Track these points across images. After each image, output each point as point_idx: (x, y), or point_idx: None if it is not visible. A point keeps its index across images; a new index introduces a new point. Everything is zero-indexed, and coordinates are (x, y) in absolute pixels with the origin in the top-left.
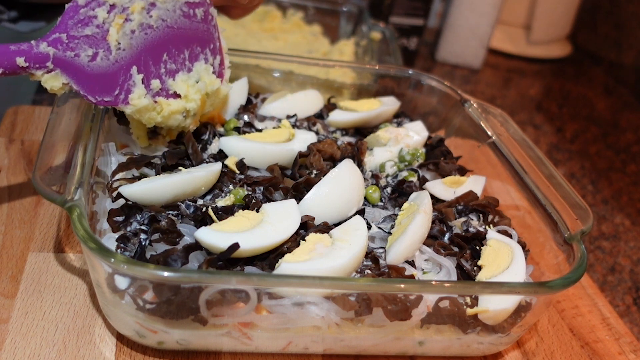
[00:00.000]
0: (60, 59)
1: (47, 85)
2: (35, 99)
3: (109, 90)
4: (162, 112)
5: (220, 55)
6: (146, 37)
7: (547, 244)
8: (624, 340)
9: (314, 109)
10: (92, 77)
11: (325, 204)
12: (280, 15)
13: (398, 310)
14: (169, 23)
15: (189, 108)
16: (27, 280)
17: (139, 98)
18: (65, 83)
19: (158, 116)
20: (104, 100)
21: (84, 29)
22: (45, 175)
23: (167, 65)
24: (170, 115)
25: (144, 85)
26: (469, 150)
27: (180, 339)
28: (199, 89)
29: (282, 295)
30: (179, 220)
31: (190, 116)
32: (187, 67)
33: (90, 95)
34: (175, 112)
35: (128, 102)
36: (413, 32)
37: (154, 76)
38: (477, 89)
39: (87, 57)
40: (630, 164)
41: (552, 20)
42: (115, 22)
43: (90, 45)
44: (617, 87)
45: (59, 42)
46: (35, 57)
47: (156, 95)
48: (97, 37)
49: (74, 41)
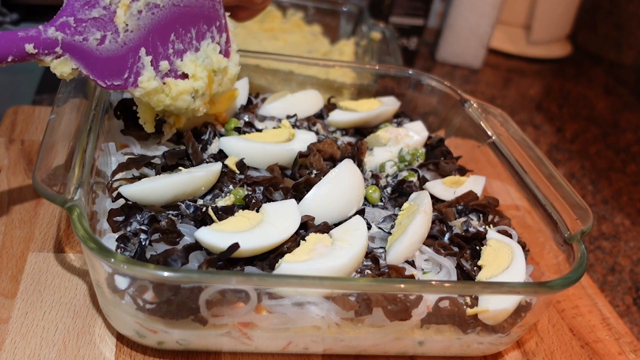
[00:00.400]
0: (69, 43)
1: (56, 71)
2: (35, 99)
3: (118, 74)
4: (171, 93)
5: (226, 32)
6: (153, 17)
7: (547, 244)
8: (624, 340)
9: (314, 109)
10: (101, 61)
11: (325, 204)
12: (280, 15)
13: (398, 310)
14: (175, 1)
15: (197, 87)
16: (27, 280)
17: (148, 80)
18: (74, 68)
19: (167, 98)
20: (114, 84)
21: (91, 11)
22: (45, 175)
23: (174, 45)
24: (179, 95)
25: (153, 67)
26: (469, 150)
27: (180, 339)
28: (205, 65)
29: (282, 295)
30: (179, 220)
31: (198, 96)
32: (194, 46)
33: (100, 80)
34: (184, 92)
35: (137, 85)
36: (413, 32)
37: (162, 57)
38: (477, 89)
39: (95, 41)
40: (630, 164)
41: (552, 20)
42: (122, 2)
43: (98, 28)
44: (617, 87)
45: (66, 26)
46: (44, 43)
47: (165, 76)
48: (104, 19)
49: (82, 24)
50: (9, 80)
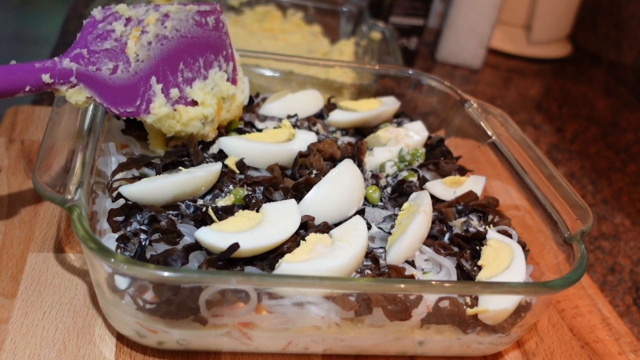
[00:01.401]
0: (83, 73)
1: (71, 100)
2: (35, 99)
3: (130, 101)
4: (181, 119)
5: (232, 61)
6: (162, 47)
7: (547, 244)
8: (624, 340)
9: (315, 109)
10: (114, 90)
11: (325, 204)
12: (280, 15)
13: (398, 310)
14: (182, 33)
15: (207, 114)
16: (27, 280)
17: (159, 107)
18: (88, 97)
19: (177, 124)
20: (127, 111)
21: (103, 43)
22: (45, 175)
23: (183, 73)
24: (189, 122)
25: (164, 95)
26: (469, 150)
27: (180, 339)
28: (215, 93)
29: (282, 295)
30: (179, 220)
31: (208, 122)
32: (202, 74)
33: (114, 107)
34: (194, 118)
35: (149, 112)
36: (413, 32)
37: (172, 85)
38: (477, 89)
39: (108, 70)
40: (630, 164)
41: (552, 20)
42: (132, 34)
43: (110, 58)
44: (617, 87)
45: (80, 57)
46: (60, 73)
47: (175, 103)
48: (116, 50)
49: (95, 55)
50: None
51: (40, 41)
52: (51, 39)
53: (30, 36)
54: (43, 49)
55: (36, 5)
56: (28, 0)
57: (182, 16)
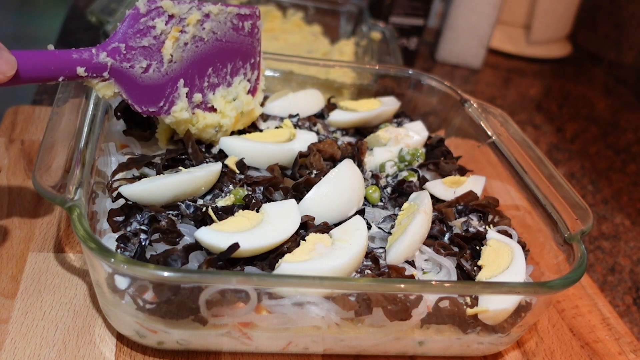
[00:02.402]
0: (117, 69)
1: (100, 93)
2: (35, 99)
3: (155, 102)
4: (198, 124)
5: (258, 70)
6: (196, 49)
7: (547, 244)
8: (624, 340)
9: (315, 109)
10: (143, 88)
11: (325, 204)
12: (280, 15)
13: (398, 310)
14: (218, 36)
15: (223, 124)
16: (27, 280)
17: (180, 110)
18: (116, 92)
19: (193, 128)
20: (149, 110)
21: (142, 39)
22: (45, 175)
23: (210, 79)
24: (205, 128)
25: (187, 99)
26: (469, 150)
27: (180, 339)
28: (236, 107)
29: (282, 295)
30: (179, 220)
31: (221, 131)
32: (227, 81)
33: (137, 105)
34: (210, 125)
35: (170, 113)
36: (413, 32)
37: (197, 90)
38: (477, 89)
39: (140, 69)
40: (630, 164)
41: (552, 20)
42: (172, 34)
43: (145, 56)
44: (617, 87)
45: (117, 52)
46: (95, 67)
47: (195, 107)
48: (152, 48)
49: (131, 52)
50: None
51: (40, 41)
52: (51, 39)
53: (30, 36)
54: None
55: (36, 5)
56: (28, 0)
57: (222, 18)
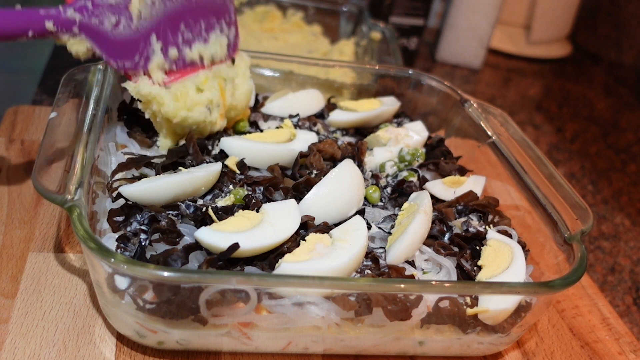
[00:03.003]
0: (86, 25)
1: (72, 49)
2: (36, 99)
3: (129, 56)
4: (185, 103)
5: (235, 28)
6: (165, 7)
7: (547, 244)
8: (624, 340)
9: (316, 108)
10: (115, 43)
11: (325, 204)
12: (280, 15)
13: (398, 310)
14: None
15: (210, 97)
16: (27, 280)
17: (157, 68)
18: (89, 48)
19: (182, 109)
20: (125, 65)
21: None
22: (46, 175)
23: (184, 35)
24: (194, 106)
25: (162, 54)
26: (469, 150)
27: (180, 339)
28: (215, 73)
29: (282, 295)
30: (179, 220)
31: (214, 107)
32: (203, 37)
33: (113, 60)
34: (198, 103)
35: (147, 69)
36: (413, 32)
37: (171, 44)
38: (477, 89)
39: (110, 25)
40: (630, 164)
41: (552, 20)
42: None
43: (113, 13)
44: (617, 87)
45: (84, 9)
46: (63, 22)
47: (174, 64)
48: (120, 6)
49: (99, 9)
50: (9, 80)
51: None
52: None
53: None
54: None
55: (36, 6)
56: (28, 0)
57: None
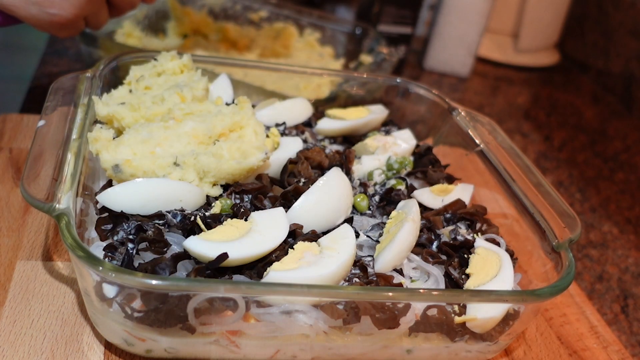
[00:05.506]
0: None
1: None
2: (24, 107)
3: None
4: (141, 112)
5: None
6: None
7: (535, 252)
8: (612, 349)
9: (303, 117)
10: None
11: (314, 213)
12: (296, 34)
13: (386, 318)
14: None
15: (170, 106)
16: (15, 288)
17: None
18: None
19: (141, 119)
20: None
21: None
22: (34, 184)
23: None
24: (154, 117)
25: None
26: (457, 158)
27: (169, 347)
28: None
29: (270, 303)
30: (167, 230)
31: None
32: None
33: None
34: (157, 114)
35: None
36: (401, 40)
37: None
38: (465, 97)
39: None
40: (618, 172)
41: (539, 29)
42: None
43: None
44: (605, 95)
45: None
46: None
47: None
48: None
49: None
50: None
51: (28, 49)
52: (39, 47)
53: (18, 44)
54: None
55: None
56: None
57: None
